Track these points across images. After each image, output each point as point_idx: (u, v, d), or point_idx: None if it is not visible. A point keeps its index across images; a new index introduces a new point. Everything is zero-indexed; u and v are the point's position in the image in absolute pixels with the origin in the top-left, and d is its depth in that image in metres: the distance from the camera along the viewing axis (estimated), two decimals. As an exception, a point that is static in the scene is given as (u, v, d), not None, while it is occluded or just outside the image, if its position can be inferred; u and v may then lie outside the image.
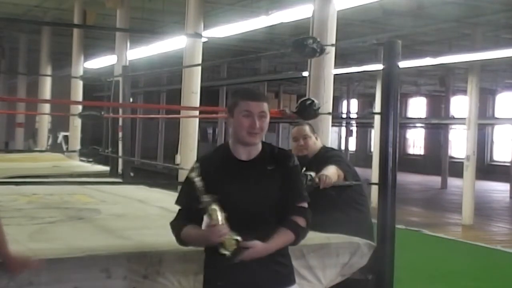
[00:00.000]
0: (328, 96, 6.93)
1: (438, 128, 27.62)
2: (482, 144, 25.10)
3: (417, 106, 32.69)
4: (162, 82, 27.90)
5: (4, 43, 20.01)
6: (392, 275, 3.52)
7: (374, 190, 3.94)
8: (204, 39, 10.09)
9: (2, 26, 17.82)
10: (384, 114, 3.59)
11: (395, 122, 3.57)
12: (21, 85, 20.44)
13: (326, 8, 7.06)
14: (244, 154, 2.64)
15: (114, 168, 7.22)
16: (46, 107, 16.43)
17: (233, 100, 2.66)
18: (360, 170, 4.68)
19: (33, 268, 2.63)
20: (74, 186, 5.69)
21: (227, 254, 2.42)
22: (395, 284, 3.55)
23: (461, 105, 24.82)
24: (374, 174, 16.16)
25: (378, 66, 12.42)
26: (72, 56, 14.08)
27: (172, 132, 18.14)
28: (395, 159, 3.57)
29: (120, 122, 7.69)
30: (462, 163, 14.65)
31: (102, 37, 17.39)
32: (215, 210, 2.42)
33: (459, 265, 8.93)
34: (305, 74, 9.76)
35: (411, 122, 30.53)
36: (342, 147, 29.08)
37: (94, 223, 4.00)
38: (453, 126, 26.11)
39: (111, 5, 12.19)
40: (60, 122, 18.35)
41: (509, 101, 28.11)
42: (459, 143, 26.05)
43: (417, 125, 31.32)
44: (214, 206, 2.43)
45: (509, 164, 23.59)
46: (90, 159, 9.37)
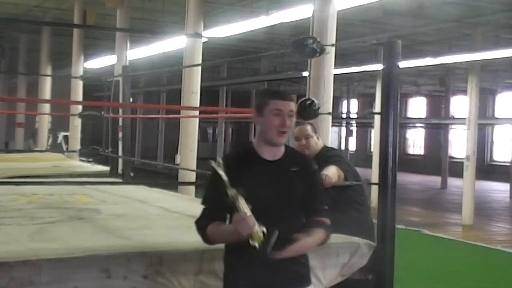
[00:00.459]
0: (328, 96, 6.92)
1: (438, 128, 27.63)
2: (482, 144, 25.10)
3: (417, 106, 32.69)
4: (162, 82, 27.91)
5: (4, 43, 20.02)
6: (392, 275, 3.52)
7: (374, 190, 3.94)
8: (204, 39, 10.09)
9: (2, 26, 17.83)
10: (384, 114, 3.59)
11: (395, 122, 3.57)
12: (21, 85, 20.43)
13: (326, 8, 7.06)
14: (268, 154, 2.68)
15: (114, 168, 7.23)
16: (46, 107, 16.43)
17: (262, 99, 2.70)
18: (360, 170, 4.68)
19: None
20: (74, 186, 5.69)
21: (257, 246, 2.41)
22: (395, 284, 3.55)
23: (461, 105, 24.82)
24: (374, 174, 16.16)
25: (378, 66, 12.43)
26: (72, 56, 14.07)
27: (172, 132, 18.14)
28: (395, 159, 3.57)
29: (120, 122, 7.69)
30: (462, 163, 14.65)
31: (102, 37, 17.39)
32: (242, 203, 2.43)
33: (459, 265, 8.93)
34: (305, 74, 9.76)
35: (411, 122, 30.53)
36: (342, 147, 29.09)
37: (94, 223, 4.00)
38: (453, 126, 26.12)
39: (111, 5, 12.18)
40: (60, 122, 18.35)
41: (509, 101, 28.11)
42: (459, 143, 26.06)
43: (417, 125, 31.32)
44: (241, 199, 2.43)
45: (509, 164, 23.59)
46: (90, 159, 9.37)
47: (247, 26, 11.98)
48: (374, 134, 21.59)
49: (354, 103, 33.75)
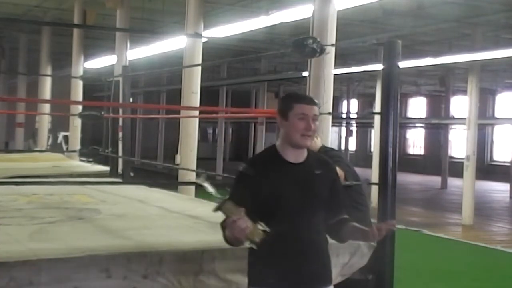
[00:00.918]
0: (328, 96, 6.92)
1: (438, 128, 27.62)
2: (482, 144, 25.10)
3: (417, 106, 32.69)
4: (162, 82, 27.90)
5: (4, 43, 20.02)
6: (392, 275, 3.52)
7: (374, 190, 3.94)
8: (204, 39, 10.09)
9: (2, 26, 17.82)
10: (384, 114, 3.59)
11: (395, 122, 3.57)
12: (21, 85, 20.43)
13: (326, 8, 7.06)
14: (292, 157, 2.72)
15: (114, 168, 7.23)
16: (46, 107, 16.42)
17: (286, 103, 2.74)
18: (360, 170, 4.69)
19: None
20: (74, 186, 5.69)
21: (254, 246, 2.44)
22: (395, 284, 3.55)
23: (461, 105, 24.82)
24: (374, 174, 16.15)
25: (378, 66, 12.43)
26: (72, 56, 14.07)
27: (172, 132, 18.13)
28: (395, 159, 3.57)
29: (120, 122, 7.69)
30: (462, 163, 14.64)
31: (102, 37, 17.39)
32: (229, 208, 2.44)
33: (459, 265, 8.93)
34: (305, 74, 9.76)
35: (411, 122, 30.52)
36: (342, 147, 29.10)
37: (94, 223, 4.00)
38: (453, 126, 26.11)
39: (111, 5, 12.18)
40: (60, 122, 18.34)
41: (509, 101, 28.11)
42: (459, 143, 26.06)
43: (417, 125, 31.32)
44: (228, 205, 2.44)
45: (509, 164, 23.58)
46: (90, 159, 9.37)
47: (247, 26, 11.97)
48: (374, 134, 21.58)
49: (354, 103, 33.74)
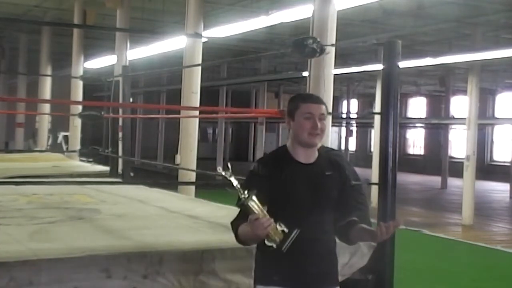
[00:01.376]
0: (328, 96, 6.92)
1: (438, 128, 27.62)
2: (482, 144, 25.10)
3: (417, 106, 32.68)
4: (162, 82, 27.91)
5: (4, 43, 20.01)
6: (392, 275, 3.52)
7: (374, 190, 3.94)
8: (204, 39, 10.09)
9: (2, 26, 17.82)
10: (384, 114, 3.59)
11: (395, 122, 3.57)
12: (21, 85, 20.42)
13: (326, 8, 7.06)
14: (303, 157, 2.73)
15: (114, 168, 7.23)
16: (46, 107, 16.42)
17: (293, 103, 2.75)
18: (360, 170, 4.69)
19: None
20: (74, 186, 5.69)
21: (273, 245, 2.47)
22: (395, 284, 3.55)
23: (461, 105, 24.82)
24: (374, 174, 16.15)
25: (378, 66, 12.43)
26: (72, 56, 14.07)
27: (172, 132, 18.12)
28: (395, 159, 3.57)
29: (120, 122, 7.69)
30: (462, 163, 14.64)
31: (102, 37, 17.38)
32: (254, 205, 2.44)
33: (459, 265, 8.93)
34: (305, 74, 9.76)
35: (411, 122, 30.51)
36: (342, 147, 29.10)
37: (94, 223, 4.00)
38: (453, 126, 26.10)
39: (111, 5, 12.18)
40: (60, 122, 18.35)
41: (509, 101, 28.11)
42: (459, 143, 26.06)
43: (417, 125, 31.31)
44: (252, 202, 2.44)
45: (509, 164, 23.58)
46: (90, 159, 9.37)
47: (247, 26, 11.97)
48: (374, 134, 21.57)
49: (354, 103, 33.75)
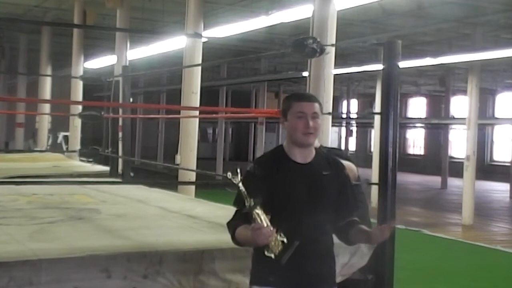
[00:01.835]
0: (328, 96, 6.92)
1: (438, 128, 27.62)
2: (482, 144, 25.10)
3: (417, 106, 32.68)
4: (162, 82, 27.91)
5: (4, 43, 20.00)
6: (392, 275, 3.52)
7: (374, 190, 3.94)
8: (204, 39, 10.08)
9: (2, 26, 17.81)
10: (384, 114, 3.59)
11: (395, 122, 3.57)
12: (21, 85, 20.42)
13: (326, 8, 7.05)
14: (300, 156, 2.70)
15: (114, 168, 7.23)
16: (46, 107, 16.42)
17: (286, 103, 2.73)
18: (360, 170, 4.68)
19: None
20: (74, 186, 5.69)
21: (272, 256, 2.47)
22: (395, 284, 3.55)
23: (461, 105, 24.82)
24: (374, 174, 16.14)
25: (378, 66, 12.42)
26: (72, 56, 14.07)
27: (172, 132, 18.13)
28: (395, 159, 3.57)
29: (120, 122, 7.68)
30: (462, 163, 14.64)
31: (102, 37, 17.39)
32: (259, 214, 2.45)
33: (459, 265, 8.93)
34: (305, 74, 9.76)
35: (411, 122, 30.52)
36: (342, 147, 29.09)
37: (94, 223, 4.00)
38: (453, 126, 26.10)
39: (111, 5, 12.17)
40: (60, 122, 18.35)
41: (509, 101, 28.11)
42: (459, 143, 26.05)
43: (417, 125, 31.31)
44: (258, 210, 2.45)
45: (509, 164, 23.57)
46: (90, 159, 9.37)
47: (247, 26, 11.97)
48: (374, 134, 21.58)
49: (354, 103, 33.74)
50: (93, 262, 2.84)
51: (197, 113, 9.10)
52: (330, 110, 7.35)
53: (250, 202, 2.45)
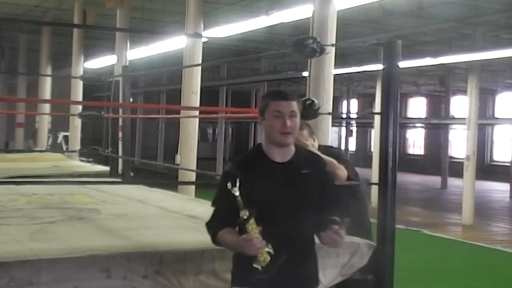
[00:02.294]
0: (328, 96, 6.92)
1: (438, 128, 27.62)
2: (482, 144, 25.10)
3: (417, 106, 32.69)
4: (162, 82, 27.91)
5: (4, 43, 20.00)
6: (392, 275, 3.51)
7: (374, 190, 3.94)
8: (204, 39, 10.09)
9: (2, 26, 17.81)
10: (384, 114, 3.58)
11: (395, 122, 3.57)
12: (21, 85, 20.43)
13: (326, 8, 7.05)
14: (278, 156, 2.65)
15: (114, 168, 7.22)
16: (46, 107, 16.42)
17: (263, 102, 2.68)
18: (360, 170, 4.68)
19: None
20: (74, 186, 5.69)
21: (259, 268, 2.45)
22: (395, 284, 3.55)
23: (461, 105, 24.82)
24: (374, 174, 16.15)
25: (378, 66, 12.42)
26: (72, 56, 14.07)
27: (172, 132, 18.13)
28: (395, 159, 3.57)
29: (120, 122, 7.68)
30: (462, 163, 14.65)
31: (102, 37, 17.39)
32: (253, 225, 2.44)
33: (459, 265, 8.94)
34: (305, 74, 9.76)
35: (411, 122, 30.53)
36: (342, 147, 29.09)
37: (94, 223, 4.00)
38: (453, 126, 26.11)
39: (111, 5, 12.18)
40: (60, 122, 18.35)
41: (509, 101, 28.11)
42: (459, 143, 26.06)
43: (417, 125, 31.32)
44: (252, 221, 2.44)
45: (509, 164, 23.58)
46: (90, 159, 9.37)
47: (247, 26, 11.97)
48: (374, 134, 21.58)
49: (354, 103, 33.74)
50: (93, 262, 2.83)
51: (197, 113, 9.10)
52: (330, 110, 7.35)
53: (244, 213, 2.43)
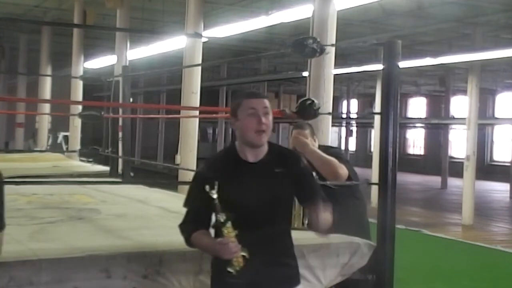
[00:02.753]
0: (328, 96, 6.92)
1: (438, 128, 27.63)
2: (482, 144, 25.11)
3: (417, 106, 32.69)
4: (162, 82, 27.91)
5: (4, 43, 20.02)
6: (392, 275, 3.51)
7: (374, 190, 3.94)
8: (204, 39, 10.09)
9: (2, 26, 17.83)
10: (384, 114, 3.58)
11: (395, 122, 3.56)
12: (21, 85, 20.44)
13: (326, 8, 7.05)
14: (251, 155, 2.62)
15: (114, 168, 7.22)
16: (46, 107, 16.43)
17: (235, 102, 2.65)
18: (360, 170, 4.69)
19: None
20: (74, 186, 5.68)
21: (233, 272, 2.44)
22: (395, 284, 3.55)
23: (461, 105, 24.82)
24: (374, 174, 16.15)
25: (378, 66, 12.43)
26: (72, 56, 14.08)
27: (172, 132, 18.12)
28: (395, 159, 3.56)
29: (120, 122, 7.68)
30: (462, 163, 14.65)
31: (102, 37, 17.40)
32: (229, 229, 2.42)
33: (459, 265, 8.92)
34: (305, 74, 9.76)
35: (411, 122, 30.53)
36: (342, 147, 29.09)
37: (94, 223, 4.00)
38: (453, 126, 26.12)
39: (111, 5, 12.18)
40: (60, 122, 18.36)
41: (509, 101, 28.11)
42: (459, 143, 26.06)
43: (417, 125, 31.33)
44: (229, 225, 2.42)
45: (509, 164, 23.58)
46: (90, 159, 9.37)
47: (247, 26, 11.98)
48: (374, 134, 21.59)
49: (354, 103, 33.75)
50: (93, 262, 2.83)
51: (197, 113, 9.11)
52: (330, 110, 7.35)
53: (221, 217, 2.42)
